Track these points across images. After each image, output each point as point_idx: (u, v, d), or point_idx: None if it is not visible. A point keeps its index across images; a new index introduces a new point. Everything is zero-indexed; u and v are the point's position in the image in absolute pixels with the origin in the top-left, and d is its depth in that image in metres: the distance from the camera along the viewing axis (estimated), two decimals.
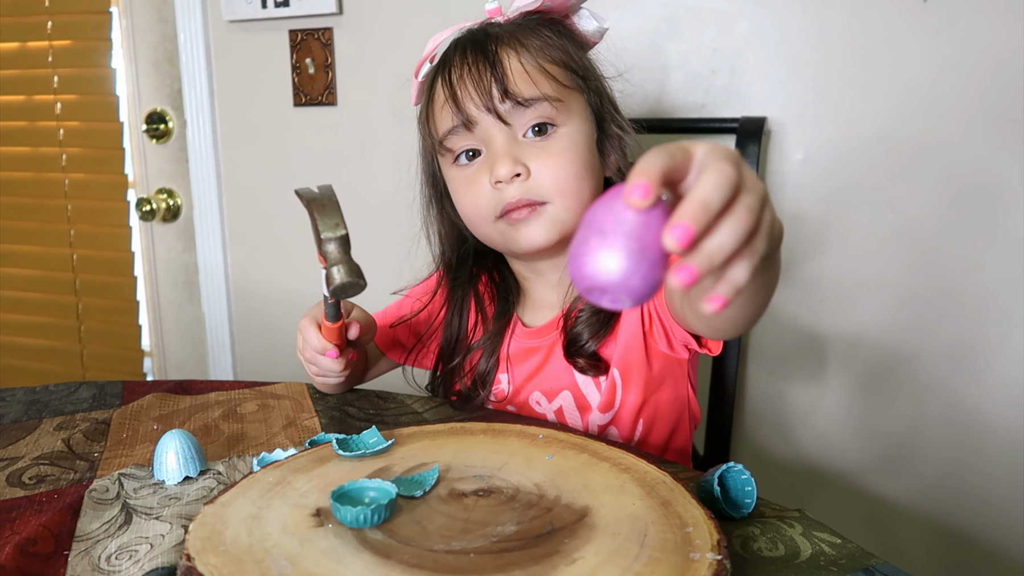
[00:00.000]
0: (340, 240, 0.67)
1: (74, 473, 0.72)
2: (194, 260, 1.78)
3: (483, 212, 0.85)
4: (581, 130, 0.84)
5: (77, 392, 0.96)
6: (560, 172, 0.81)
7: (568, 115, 0.83)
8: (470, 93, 0.81)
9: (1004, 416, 1.20)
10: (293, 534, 0.53)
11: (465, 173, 0.86)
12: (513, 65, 0.81)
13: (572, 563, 0.49)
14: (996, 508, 1.22)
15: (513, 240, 0.84)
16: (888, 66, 1.18)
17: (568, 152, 0.82)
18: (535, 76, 0.81)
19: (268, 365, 1.75)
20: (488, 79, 0.81)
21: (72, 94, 1.79)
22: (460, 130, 0.84)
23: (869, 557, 0.55)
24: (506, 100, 0.81)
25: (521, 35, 0.84)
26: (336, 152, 1.59)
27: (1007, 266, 1.16)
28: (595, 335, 0.86)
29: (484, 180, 0.83)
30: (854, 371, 1.28)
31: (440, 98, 0.85)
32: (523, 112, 0.81)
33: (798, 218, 1.26)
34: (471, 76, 0.81)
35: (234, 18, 1.58)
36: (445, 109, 0.84)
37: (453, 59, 0.84)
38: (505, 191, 0.82)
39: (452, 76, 0.83)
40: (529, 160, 0.81)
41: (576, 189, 0.82)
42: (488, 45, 0.83)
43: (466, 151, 0.85)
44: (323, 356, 0.82)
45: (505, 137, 0.82)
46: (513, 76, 0.81)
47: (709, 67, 1.28)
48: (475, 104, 0.81)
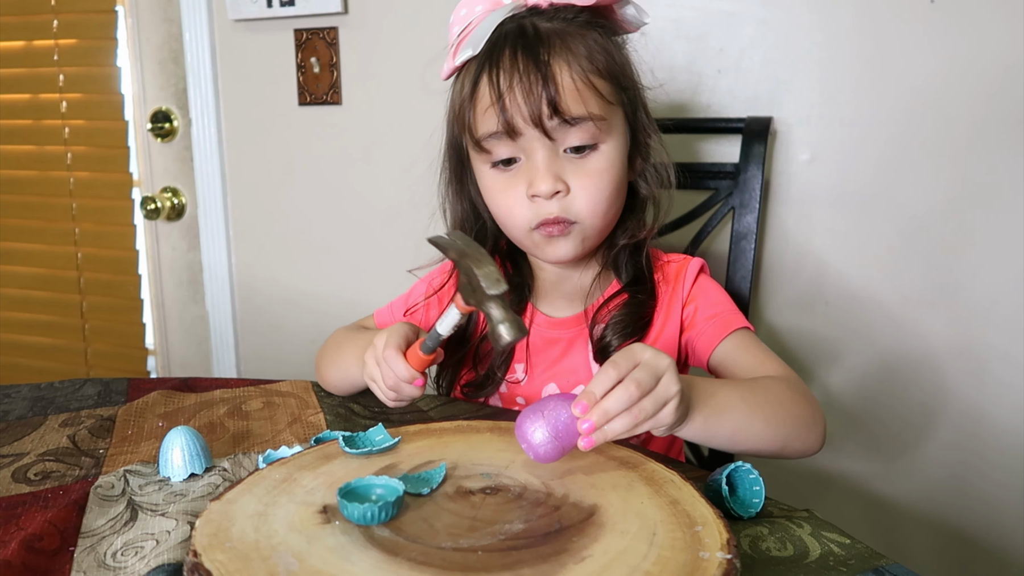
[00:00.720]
0: (503, 295, 0.66)
1: (79, 469, 0.72)
2: (198, 259, 1.77)
3: (519, 221, 0.85)
4: (618, 147, 0.85)
5: (82, 389, 0.96)
6: (595, 193, 0.83)
7: (609, 133, 0.83)
8: (519, 105, 0.79)
9: (1009, 419, 1.19)
10: (300, 531, 0.53)
11: (502, 178, 0.85)
12: (564, 80, 0.79)
13: (581, 561, 0.49)
14: (1001, 510, 1.22)
15: (542, 251, 0.87)
16: (894, 67, 1.17)
17: (605, 172, 0.83)
18: (584, 93, 0.80)
19: (272, 364, 1.74)
20: (539, 93, 0.78)
21: (77, 93, 1.79)
22: (502, 136, 0.82)
23: (879, 557, 0.55)
24: (555, 117, 0.79)
25: (571, 40, 0.81)
26: (341, 151, 1.59)
27: (1013, 269, 1.16)
28: (623, 342, 0.87)
29: (521, 189, 0.83)
30: (859, 373, 1.27)
31: (485, 99, 0.82)
32: (568, 130, 0.81)
33: (803, 219, 1.26)
34: (521, 87, 0.79)
35: (239, 17, 1.58)
36: (489, 113, 0.82)
37: (502, 59, 0.81)
38: (543, 206, 0.83)
39: (500, 80, 0.80)
40: (568, 177, 0.82)
41: (606, 210, 0.85)
42: (540, 51, 0.80)
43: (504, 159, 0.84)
44: (407, 384, 0.78)
45: (548, 152, 0.81)
46: (564, 93, 0.79)
47: (715, 67, 1.27)
48: (523, 117, 0.80)
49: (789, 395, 0.76)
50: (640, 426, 0.61)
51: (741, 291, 1.15)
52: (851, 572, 0.53)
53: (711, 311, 0.89)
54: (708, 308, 0.89)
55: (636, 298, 0.89)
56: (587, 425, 0.60)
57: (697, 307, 0.90)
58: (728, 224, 1.19)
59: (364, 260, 1.62)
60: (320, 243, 1.66)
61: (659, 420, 0.62)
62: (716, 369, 0.88)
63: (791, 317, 1.29)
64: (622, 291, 0.91)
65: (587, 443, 0.60)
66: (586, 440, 0.60)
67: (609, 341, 0.88)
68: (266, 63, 1.61)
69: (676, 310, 0.90)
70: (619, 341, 0.87)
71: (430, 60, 0.94)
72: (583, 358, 0.91)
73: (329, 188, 1.62)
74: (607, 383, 0.61)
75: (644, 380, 0.61)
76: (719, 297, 0.91)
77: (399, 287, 1.10)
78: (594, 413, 0.60)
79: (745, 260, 1.16)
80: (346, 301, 1.65)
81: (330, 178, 1.62)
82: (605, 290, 0.93)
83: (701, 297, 0.90)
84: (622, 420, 0.60)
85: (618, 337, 0.87)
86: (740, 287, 1.15)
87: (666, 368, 0.63)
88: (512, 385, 0.93)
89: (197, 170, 1.70)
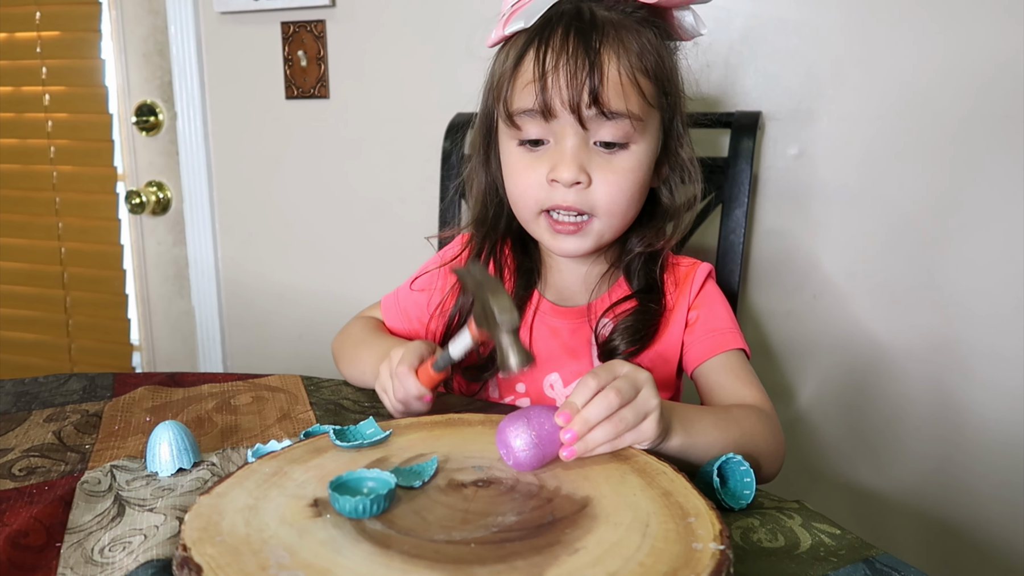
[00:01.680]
0: (516, 328, 0.67)
1: (65, 465, 0.72)
2: (184, 254, 1.76)
3: (531, 202, 0.85)
4: (648, 150, 0.84)
5: (67, 384, 0.95)
6: (616, 192, 0.82)
7: (643, 134, 0.82)
8: (560, 87, 0.78)
9: (993, 411, 1.20)
10: (291, 524, 0.53)
11: (526, 157, 0.84)
12: (611, 72, 0.78)
13: (574, 553, 0.49)
14: (984, 501, 1.23)
15: (549, 243, 0.87)
16: (883, 63, 1.18)
17: (631, 173, 0.82)
18: (627, 89, 0.79)
19: (259, 359, 1.73)
20: (583, 80, 0.77)
21: (61, 86, 1.77)
22: (536, 115, 0.81)
23: (869, 548, 0.55)
24: (593, 107, 0.78)
25: (626, 34, 0.80)
26: (328, 145, 1.58)
27: (999, 263, 1.16)
28: (629, 348, 0.87)
29: (542, 171, 0.82)
30: (846, 365, 1.28)
31: (527, 74, 0.81)
32: (603, 123, 0.80)
33: (792, 213, 1.26)
34: (567, 69, 0.78)
35: (226, 9, 1.56)
36: (528, 89, 0.80)
37: (552, 38, 0.79)
38: (559, 192, 0.82)
39: (547, 59, 0.79)
40: (593, 170, 0.81)
41: (625, 211, 0.84)
42: (592, 38, 0.78)
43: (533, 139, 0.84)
44: (416, 400, 0.78)
45: (578, 140, 0.81)
46: (608, 85, 0.78)
47: (703, 62, 1.27)
48: (561, 100, 0.79)
49: (759, 429, 0.77)
50: (622, 437, 0.63)
51: (730, 284, 1.15)
52: (842, 562, 0.53)
53: (712, 324, 0.89)
54: (710, 320, 0.89)
55: (647, 307, 0.89)
56: (569, 435, 0.61)
57: (700, 315, 0.90)
58: (717, 218, 1.19)
59: (351, 254, 1.62)
60: (307, 237, 1.65)
61: (641, 432, 0.63)
62: (699, 381, 0.89)
63: (779, 310, 1.30)
64: (632, 296, 0.90)
65: (569, 453, 0.61)
66: (568, 450, 0.61)
67: (616, 345, 0.87)
68: (253, 56, 1.60)
69: (682, 313, 0.90)
70: (626, 346, 0.87)
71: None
72: (586, 351, 0.91)
73: (316, 182, 1.61)
74: (587, 394, 0.62)
75: (624, 389, 0.62)
76: (722, 312, 0.91)
77: (386, 280, 1.09)
78: (576, 422, 0.61)
79: (734, 254, 1.16)
80: (334, 295, 1.64)
81: (317, 172, 1.61)
82: (611, 286, 0.93)
83: (706, 307, 0.90)
84: (604, 429, 0.62)
85: (626, 343, 0.87)
86: (729, 281, 1.15)
87: (645, 381, 0.64)
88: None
89: (183, 164, 1.69)
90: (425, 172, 1.44)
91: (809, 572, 0.52)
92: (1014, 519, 1.21)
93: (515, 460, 0.61)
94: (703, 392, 0.88)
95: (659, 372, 0.90)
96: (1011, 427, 1.19)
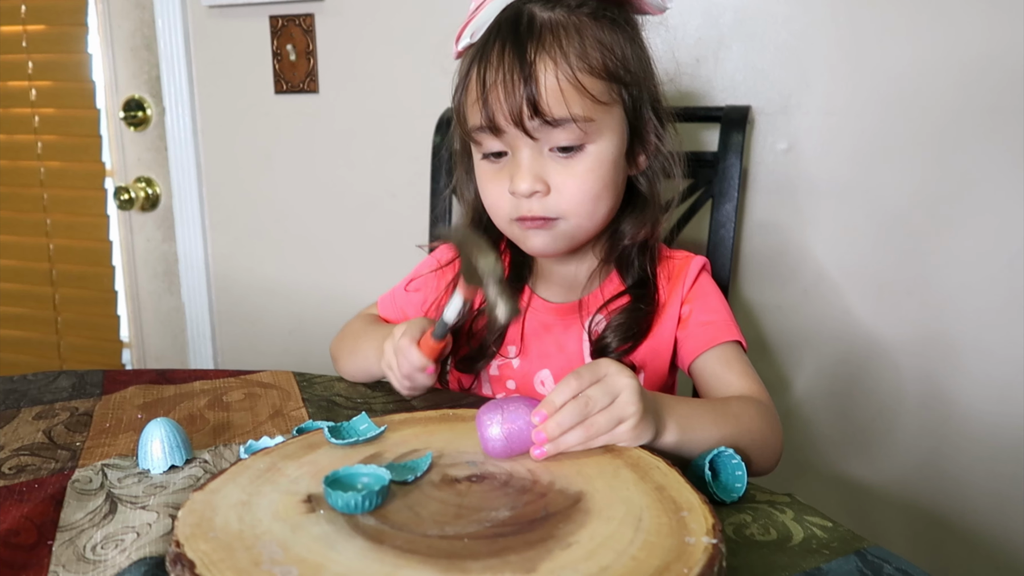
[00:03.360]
0: (500, 276, 0.68)
1: (55, 463, 0.71)
2: (174, 250, 1.75)
3: (501, 212, 0.86)
4: (609, 147, 0.82)
5: (56, 381, 0.95)
6: (578, 193, 0.82)
7: (598, 133, 0.81)
8: (500, 102, 0.78)
9: (982, 403, 1.21)
10: (284, 520, 0.53)
11: (491, 169, 0.85)
12: (548, 81, 0.77)
13: (567, 547, 0.49)
14: (974, 493, 1.24)
15: (522, 243, 0.88)
16: (871, 57, 1.18)
17: (591, 173, 0.82)
18: (568, 94, 0.78)
19: (250, 355, 1.73)
20: (520, 95, 0.77)
21: (47, 80, 1.75)
22: (487, 131, 0.81)
23: (860, 540, 0.56)
24: (535, 118, 0.78)
25: (565, 35, 0.79)
26: (318, 140, 1.58)
27: (987, 256, 1.17)
28: (621, 345, 0.87)
29: (505, 184, 0.83)
30: (835, 359, 1.29)
31: (472, 92, 0.82)
32: (551, 131, 0.79)
33: (782, 207, 1.27)
34: (504, 85, 0.78)
35: (213, 3, 1.55)
36: (475, 107, 0.81)
37: (491, 54, 0.80)
38: (523, 203, 0.82)
39: (486, 76, 0.79)
40: (550, 176, 0.81)
41: (592, 210, 0.84)
42: (528, 49, 0.78)
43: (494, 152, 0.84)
44: (420, 373, 0.80)
45: (530, 151, 0.81)
46: (546, 94, 0.77)
47: (693, 56, 1.28)
48: (504, 116, 0.79)
49: (758, 422, 0.77)
50: (595, 440, 0.63)
51: (721, 279, 1.15)
52: (834, 554, 0.54)
53: (706, 317, 0.88)
54: (704, 313, 0.89)
55: (639, 306, 0.88)
56: (541, 436, 0.62)
57: (693, 309, 0.89)
58: (707, 212, 1.19)
59: (342, 249, 1.61)
60: (298, 232, 1.64)
61: (616, 436, 0.63)
62: (695, 374, 0.89)
63: (770, 303, 1.31)
64: (625, 293, 0.90)
65: (539, 453, 0.62)
66: (539, 450, 0.62)
67: (608, 343, 0.87)
68: (241, 50, 1.59)
69: (675, 307, 0.90)
70: (618, 344, 0.87)
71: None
72: (577, 347, 0.90)
73: (306, 177, 1.61)
74: (567, 394, 0.63)
75: (597, 398, 0.63)
76: (717, 304, 0.90)
77: (378, 275, 1.10)
78: (548, 425, 0.62)
79: (724, 248, 1.16)
80: (325, 291, 1.64)
81: (307, 167, 1.60)
82: (603, 281, 0.92)
83: (699, 300, 0.90)
84: (576, 434, 0.62)
85: (618, 340, 0.87)
86: (720, 275, 1.16)
87: (624, 387, 0.64)
88: (504, 367, 0.93)
89: (172, 159, 1.68)
90: (415, 167, 1.44)
91: (801, 564, 0.53)
92: (1002, 511, 1.22)
93: (485, 447, 0.63)
94: (700, 385, 0.88)
95: (651, 367, 0.90)
96: (999, 419, 1.20)
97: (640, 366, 0.89)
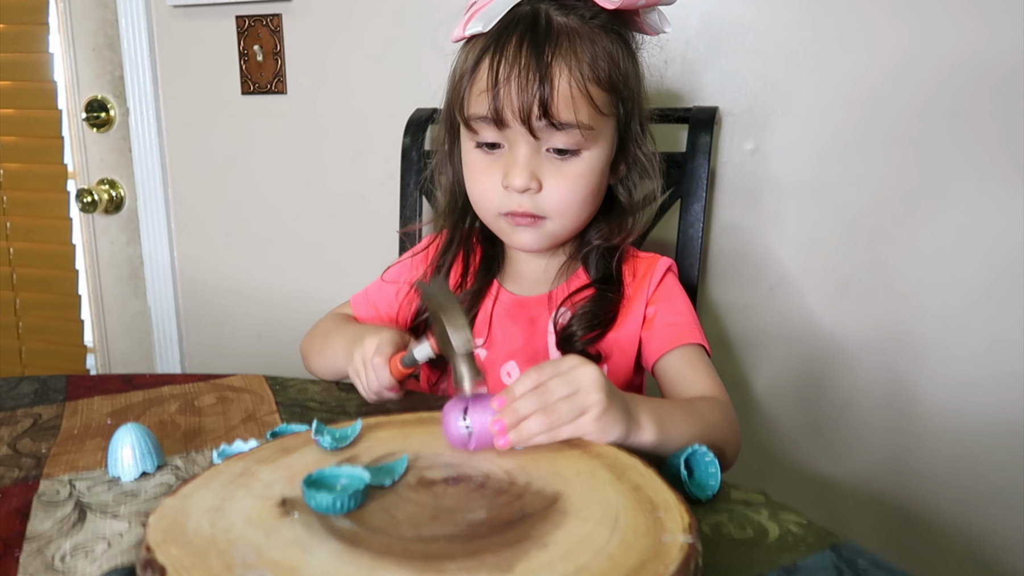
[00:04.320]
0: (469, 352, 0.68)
1: (19, 471, 0.70)
2: (139, 253, 1.72)
3: (489, 204, 0.88)
4: (600, 155, 0.86)
5: (18, 387, 0.93)
6: (568, 196, 0.85)
7: (595, 141, 0.84)
8: (511, 98, 0.80)
9: (944, 400, 1.24)
10: (258, 524, 0.52)
11: (484, 160, 0.87)
12: (561, 84, 0.80)
13: (544, 548, 0.49)
14: (938, 488, 1.27)
15: (508, 237, 0.90)
16: (836, 59, 1.20)
17: (582, 178, 0.85)
18: (577, 101, 0.81)
19: (218, 359, 1.71)
20: (533, 92, 0.79)
21: (6, 80, 1.72)
22: (490, 123, 0.83)
23: (834, 536, 0.57)
24: (543, 119, 0.80)
25: (580, 43, 0.81)
26: (286, 142, 1.56)
27: (948, 255, 1.20)
28: (587, 334, 0.88)
29: (498, 176, 0.85)
30: (802, 357, 1.31)
31: (482, 82, 0.82)
32: (553, 133, 0.82)
33: (748, 207, 1.28)
34: (518, 81, 0.80)
35: (178, 3, 1.53)
36: (483, 97, 0.82)
37: (507, 47, 0.81)
38: (514, 197, 0.85)
39: (500, 69, 0.81)
40: (544, 176, 0.84)
41: (577, 213, 0.87)
42: (545, 50, 0.80)
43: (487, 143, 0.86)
44: (387, 391, 0.81)
45: (530, 148, 0.83)
46: (557, 97, 0.80)
47: (662, 58, 1.29)
48: (512, 111, 0.81)
49: (720, 420, 0.79)
50: (559, 431, 0.63)
51: (689, 278, 1.17)
52: (809, 550, 0.54)
53: (671, 319, 0.90)
54: (668, 315, 0.91)
55: (604, 294, 0.91)
56: (498, 425, 0.62)
57: (658, 310, 0.91)
58: (676, 212, 1.20)
59: (310, 251, 1.60)
60: (265, 235, 1.62)
61: (581, 427, 0.63)
62: (659, 374, 0.90)
63: (737, 302, 1.32)
64: (590, 285, 0.92)
65: (503, 443, 0.62)
66: (502, 439, 0.62)
67: (574, 331, 0.88)
68: (207, 51, 1.57)
69: (640, 306, 0.92)
70: (583, 332, 0.88)
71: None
72: (543, 340, 0.91)
73: (274, 179, 1.59)
74: (527, 385, 0.63)
75: (557, 388, 0.63)
76: (681, 306, 0.92)
77: (347, 277, 1.09)
78: (506, 411, 0.62)
79: (693, 247, 1.17)
80: (293, 293, 1.62)
81: (275, 169, 1.59)
82: (570, 276, 0.94)
83: (664, 302, 0.92)
84: (537, 421, 0.62)
85: (583, 329, 0.88)
86: (688, 274, 1.17)
87: (586, 379, 0.64)
88: None
89: (136, 161, 1.65)
90: (385, 168, 1.43)
91: (778, 561, 0.53)
92: (965, 504, 1.25)
93: (451, 440, 0.64)
94: (663, 385, 0.89)
95: (616, 359, 0.91)
96: (961, 416, 1.23)
97: (605, 356, 0.90)
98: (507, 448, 0.62)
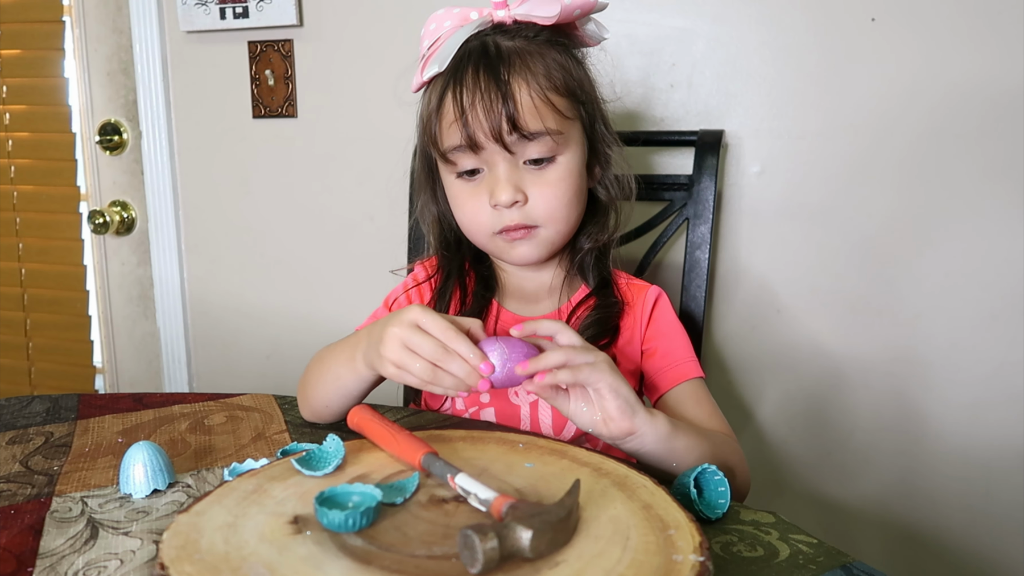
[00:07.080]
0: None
1: (32, 488, 0.70)
2: (149, 274, 1.74)
3: (482, 227, 0.91)
4: (575, 158, 0.90)
5: (30, 406, 0.93)
6: (553, 201, 0.88)
7: (566, 145, 0.88)
8: (480, 121, 0.84)
9: (952, 424, 1.23)
10: (271, 542, 0.52)
11: (467, 188, 0.90)
12: (523, 98, 0.84)
13: (555, 567, 0.50)
14: (947, 510, 1.26)
15: (507, 254, 0.93)
16: (840, 83, 1.21)
17: (562, 182, 0.89)
18: (542, 110, 0.85)
19: (226, 380, 1.71)
20: (499, 111, 0.83)
21: (22, 104, 1.74)
22: (465, 150, 0.87)
23: (845, 556, 0.57)
24: (514, 133, 0.84)
25: (531, 59, 0.86)
26: (296, 165, 1.58)
27: (953, 277, 1.20)
28: (598, 342, 0.90)
29: (484, 198, 0.88)
30: (810, 379, 1.30)
31: (449, 114, 0.87)
32: (527, 144, 0.86)
33: (755, 229, 1.29)
34: (483, 104, 0.84)
35: (192, 29, 1.56)
36: (453, 127, 0.86)
37: (465, 77, 0.85)
38: (504, 214, 0.88)
39: (463, 98, 0.85)
40: (527, 187, 0.88)
41: (566, 215, 0.91)
42: (501, 70, 0.85)
43: (468, 170, 0.89)
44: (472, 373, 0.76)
45: (508, 164, 0.87)
46: (523, 110, 0.84)
47: (667, 82, 1.30)
48: (484, 133, 0.84)
49: (729, 451, 0.81)
50: (578, 371, 0.67)
51: (696, 300, 1.17)
52: (820, 569, 0.54)
53: (671, 358, 0.93)
54: (667, 349, 0.93)
55: (605, 303, 0.94)
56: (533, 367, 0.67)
57: (657, 346, 0.94)
58: (683, 234, 1.21)
59: (320, 274, 1.61)
60: (275, 257, 1.64)
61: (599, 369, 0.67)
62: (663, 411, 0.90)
63: (744, 325, 1.32)
64: (591, 295, 0.95)
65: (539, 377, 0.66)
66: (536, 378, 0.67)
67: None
68: (219, 75, 1.59)
69: (639, 331, 0.95)
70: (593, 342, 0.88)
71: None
72: None
73: (284, 202, 1.60)
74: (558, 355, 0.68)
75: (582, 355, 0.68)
76: (679, 339, 0.95)
77: (355, 299, 1.10)
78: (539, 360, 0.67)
79: (700, 269, 1.18)
80: (302, 315, 1.63)
81: (285, 191, 1.60)
82: (573, 295, 0.98)
83: (662, 337, 0.94)
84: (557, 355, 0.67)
85: (592, 339, 0.89)
86: (695, 296, 1.17)
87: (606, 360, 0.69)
88: None
89: (148, 183, 1.67)
90: (393, 190, 1.44)
91: None
92: (975, 526, 1.24)
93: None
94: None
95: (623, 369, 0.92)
96: (969, 439, 1.23)
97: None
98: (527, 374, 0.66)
